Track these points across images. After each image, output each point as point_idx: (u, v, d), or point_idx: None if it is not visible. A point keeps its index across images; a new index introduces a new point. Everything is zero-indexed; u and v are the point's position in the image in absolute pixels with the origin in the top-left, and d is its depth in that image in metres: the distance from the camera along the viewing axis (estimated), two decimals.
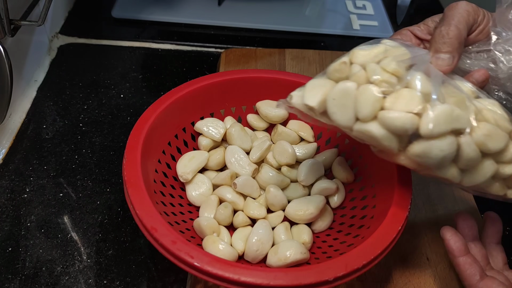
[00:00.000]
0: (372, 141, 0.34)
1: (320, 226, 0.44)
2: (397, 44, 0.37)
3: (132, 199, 0.37)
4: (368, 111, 0.33)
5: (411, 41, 0.42)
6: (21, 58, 0.58)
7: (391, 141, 0.33)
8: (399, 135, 0.33)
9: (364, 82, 0.34)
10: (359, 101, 0.33)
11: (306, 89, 0.36)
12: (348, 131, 0.35)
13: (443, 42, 0.36)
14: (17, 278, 0.42)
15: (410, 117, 0.32)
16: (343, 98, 0.34)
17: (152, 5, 0.74)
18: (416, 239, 0.46)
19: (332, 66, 0.35)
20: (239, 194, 0.44)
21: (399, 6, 0.81)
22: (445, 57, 0.36)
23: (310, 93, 0.35)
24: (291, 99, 0.37)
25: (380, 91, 0.33)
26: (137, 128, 0.42)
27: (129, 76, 0.64)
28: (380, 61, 0.35)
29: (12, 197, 0.49)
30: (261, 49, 0.67)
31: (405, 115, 0.32)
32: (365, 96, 0.33)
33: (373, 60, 0.35)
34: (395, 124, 0.32)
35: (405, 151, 0.33)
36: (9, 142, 0.54)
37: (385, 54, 0.35)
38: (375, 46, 0.36)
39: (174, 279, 0.43)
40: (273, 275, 0.33)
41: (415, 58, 0.36)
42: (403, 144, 0.33)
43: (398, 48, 0.36)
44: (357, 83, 0.34)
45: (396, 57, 0.35)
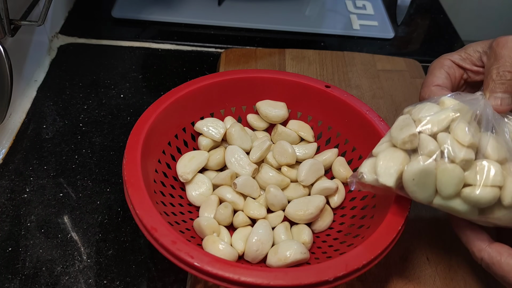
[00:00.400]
0: (452, 212, 0.35)
1: (320, 226, 0.44)
2: (455, 100, 0.37)
3: (132, 199, 0.37)
4: (452, 191, 0.33)
5: (454, 72, 0.42)
6: (21, 58, 0.58)
7: (473, 213, 0.34)
8: (481, 207, 0.34)
9: (439, 157, 0.34)
10: (441, 182, 0.33)
11: (379, 166, 0.35)
12: (426, 204, 0.36)
13: (501, 83, 0.37)
14: (17, 278, 0.42)
15: (494, 192, 0.33)
16: (423, 178, 0.34)
17: (152, 5, 0.74)
18: (416, 239, 0.46)
19: (401, 137, 0.35)
20: (239, 194, 0.44)
21: (399, 6, 0.81)
22: (504, 97, 0.37)
23: (384, 171, 0.35)
24: (362, 178, 0.36)
25: (461, 171, 0.33)
26: (137, 128, 0.42)
27: (129, 76, 0.64)
28: (449, 128, 0.35)
29: (12, 197, 0.49)
30: (261, 49, 0.67)
31: (489, 190, 0.33)
32: (448, 177, 0.33)
33: (441, 126, 0.35)
34: (481, 201, 0.33)
35: (484, 216, 0.35)
36: (9, 142, 0.54)
37: (448, 115, 0.35)
38: (438, 110, 0.36)
39: (174, 279, 0.43)
40: (273, 275, 0.33)
41: (475, 109, 0.36)
42: (482, 212, 0.34)
43: (460, 107, 0.36)
44: (430, 157, 0.34)
45: (462, 118, 0.35)
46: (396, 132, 0.36)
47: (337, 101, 0.48)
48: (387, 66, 0.66)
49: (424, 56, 0.72)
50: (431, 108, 0.36)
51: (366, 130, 0.46)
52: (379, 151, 0.37)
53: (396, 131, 0.36)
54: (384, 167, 0.35)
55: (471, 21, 1.06)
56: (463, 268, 0.44)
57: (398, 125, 0.36)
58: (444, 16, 0.82)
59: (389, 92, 0.62)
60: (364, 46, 0.73)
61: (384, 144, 0.37)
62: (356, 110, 0.47)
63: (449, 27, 0.80)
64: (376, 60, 0.67)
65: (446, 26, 0.80)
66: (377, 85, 0.63)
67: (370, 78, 0.64)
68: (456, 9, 0.97)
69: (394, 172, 0.35)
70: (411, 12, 0.82)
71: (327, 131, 0.50)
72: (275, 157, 0.47)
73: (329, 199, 0.46)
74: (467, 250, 0.40)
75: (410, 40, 0.76)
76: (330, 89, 0.49)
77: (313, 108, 0.51)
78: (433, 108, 0.36)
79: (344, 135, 0.49)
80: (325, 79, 0.63)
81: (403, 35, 0.77)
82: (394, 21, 0.79)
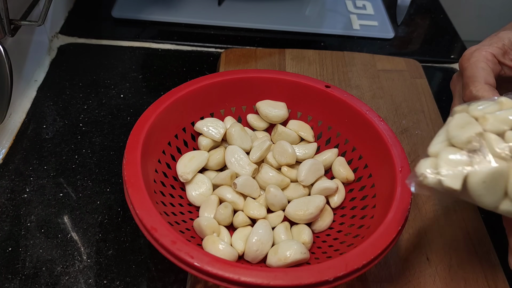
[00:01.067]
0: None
1: (320, 226, 0.44)
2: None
3: (132, 199, 0.37)
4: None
5: (495, 69, 0.40)
6: (21, 58, 0.58)
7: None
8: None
9: (510, 158, 0.32)
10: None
11: (442, 168, 0.32)
12: (491, 209, 0.33)
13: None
14: (17, 278, 0.42)
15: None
16: (494, 180, 0.31)
17: (152, 5, 0.74)
18: (416, 239, 0.46)
19: (464, 136, 0.33)
20: (239, 194, 0.44)
21: (399, 6, 0.81)
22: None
23: (449, 172, 0.32)
24: (425, 179, 0.33)
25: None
26: (137, 128, 0.42)
27: (129, 76, 0.64)
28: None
29: (12, 197, 0.49)
30: (261, 49, 0.67)
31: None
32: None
33: (505, 124, 0.33)
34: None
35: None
36: (9, 142, 0.54)
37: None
38: (499, 109, 0.34)
39: (174, 279, 0.43)
40: (273, 275, 0.33)
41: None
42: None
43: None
44: (498, 157, 0.31)
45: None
46: (456, 130, 0.33)
47: (337, 101, 0.48)
48: (387, 66, 0.66)
49: (424, 56, 0.72)
50: (492, 106, 0.34)
51: (366, 130, 0.46)
52: (437, 150, 0.34)
53: (457, 129, 0.33)
54: (449, 168, 0.32)
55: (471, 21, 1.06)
56: (463, 268, 0.44)
57: (458, 124, 0.34)
58: (444, 16, 0.82)
59: (389, 92, 0.62)
60: (364, 46, 0.73)
61: (440, 144, 0.34)
62: (356, 110, 0.47)
63: (449, 27, 0.80)
64: (376, 60, 0.67)
65: (446, 26, 0.80)
66: (377, 85, 0.63)
67: (370, 78, 0.64)
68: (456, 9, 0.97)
69: (460, 174, 0.32)
70: (411, 12, 0.82)
71: (327, 131, 0.50)
72: (275, 157, 0.47)
73: (329, 199, 0.46)
74: (467, 250, 0.40)
75: (410, 40, 0.76)
76: (330, 89, 0.49)
77: (313, 108, 0.51)
78: (494, 107, 0.34)
79: (344, 135, 0.49)
80: (325, 79, 0.63)
81: (403, 35, 0.77)
82: (394, 21, 0.79)
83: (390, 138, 0.44)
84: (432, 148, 0.34)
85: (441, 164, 0.32)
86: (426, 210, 0.49)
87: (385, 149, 0.44)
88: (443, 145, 0.34)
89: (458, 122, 0.34)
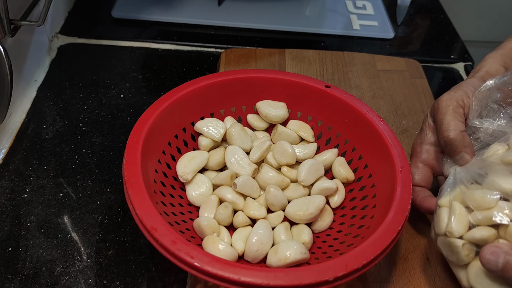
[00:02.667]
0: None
1: (320, 226, 0.44)
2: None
3: (132, 199, 0.37)
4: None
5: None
6: (21, 58, 0.58)
7: None
8: None
9: None
10: None
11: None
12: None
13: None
14: (17, 278, 0.42)
15: None
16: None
17: (152, 5, 0.74)
18: (416, 239, 0.46)
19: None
20: (239, 194, 0.44)
21: (399, 6, 0.81)
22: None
23: None
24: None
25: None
26: (137, 128, 0.42)
27: (129, 76, 0.64)
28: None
29: (12, 197, 0.49)
30: (261, 49, 0.67)
31: None
32: None
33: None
34: None
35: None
36: (9, 142, 0.54)
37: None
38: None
39: (174, 279, 0.43)
40: (273, 275, 0.33)
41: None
42: None
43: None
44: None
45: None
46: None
47: (337, 101, 0.48)
48: (387, 66, 0.66)
49: (424, 56, 0.72)
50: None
51: (366, 130, 0.46)
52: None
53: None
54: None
55: (471, 21, 1.06)
56: None
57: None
58: (444, 16, 0.82)
59: (389, 92, 0.62)
60: (364, 46, 0.73)
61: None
62: (356, 110, 0.47)
63: (449, 27, 0.80)
64: (376, 60, 0.67)
65: (446, 26, 0.80)
66: (377, 85, 0.63)
67: (370, 78, 0.64)
68: (456, 9, 0.97)
69: None
70: (411, 12, 0.82)
71: (327, 131, 0.50)
72: (275, 157, 0.47)
73: (329, 199, 0.46)
74: None
75: (410, 40, 0.76)
76: (330, 89, 0.49)
77: (313, 108, 0.51)
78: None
79: (344, 135, 0.49)
80: (325, 79, 0.63)
81: (403, 35, 0.77)
82: (394, 21, 0.79)
83: (390, 138, 0.44)
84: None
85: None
86: None
87: (385, 149, 0.44)
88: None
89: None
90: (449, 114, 0.43)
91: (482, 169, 0.38)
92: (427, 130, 0.46)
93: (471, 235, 0.36)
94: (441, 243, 0.39)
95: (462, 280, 0.38)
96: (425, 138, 0.46)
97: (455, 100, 0.44)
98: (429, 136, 0.46)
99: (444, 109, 0.44)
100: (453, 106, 0.43)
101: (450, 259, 0.39)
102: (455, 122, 0.43)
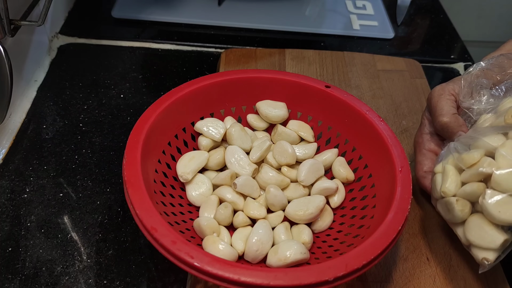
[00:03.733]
0: None
1: (320, 226, 0.44)
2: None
3: (132, 199, 0.37)
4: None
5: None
6: (21, 58, 0.58)
7: None
8: None
9: None
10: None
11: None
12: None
13: None
14: (17, 278, 0.42)
15: None
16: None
17: (152, 5, 0.74)
18: (416, 239, 0.46)
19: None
20: (239, 194, 0.44)
21: (399, 6, 0.81)
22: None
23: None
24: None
25: None
26: (137, 128, 0.42)
27: (129, 76, 0.64)
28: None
29: (12, 197, 0.49)
30: (261, 49, 0.67)
31: None
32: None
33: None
34: None
35: None
36: (9, 142, 0.54)
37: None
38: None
39: (174, 279, 0.43)
40: (273, 275, 0.33)
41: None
42: None
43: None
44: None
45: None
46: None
47: (337, 101, 0.48)
48: (387, 66, 0.66)
49: (424, 56, 0.72)
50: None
51: (366, 130, 0.46)
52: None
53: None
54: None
55: (471, 21, 1.06)
56: (463, 268, 0.44)
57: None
58: (444, 16, 0.82)
59: (389, 92, 0.62)
60: (364, 46, 0.73)
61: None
62: (356, 110, 0.47)
63: (449, 27, 0.80)
64: (376, 60, 0.67)
65: (446, 26, 0.80)
66: (377, 85, 0.63)
67: (370, 78, 0.64)
68: (456, 9, 0.97)
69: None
70: (411, 12, 0.82)
71: (327, 131, 0.50)
72: (275, 157, 0.47)
73: (329, 199, 0.46)
74: (467, 250, 0.40)
75: (410, 40, 0.76)
76: (330, 89, 0.49)
77: (313, 108, 0.51)
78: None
79: (344, 135, 0.49)
80: (325, 79, 0.63)
81: (403, 35, 0.77)
82: (394, 21, 0.79)
83: (390, 138, 0.44)
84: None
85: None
86: (426, 210, 0.49)
87: (385, 149, 0.44)
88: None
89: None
90: (442, 101, 0.46)
91: (472, 136, 0.41)
92: (426, 122, 0.49)
93: (462, 191, 0.39)
94: (439, 205, 0.41)
95: (461, 236, 0.40)
96: (424, 129, 0.48)
97: (447, 89, 0.46)
98: (428, 127, 0.48)
99: (436, 97, 0.46)
100: (444, 94, 0.46)
101: (447, 218, 0.41)
102: (447, 107, 0.45)
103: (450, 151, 0.41)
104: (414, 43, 0.75)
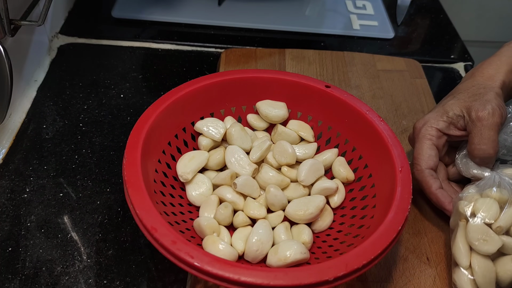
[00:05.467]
0: None
1: (320, 226, 0.44)
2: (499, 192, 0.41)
3: (132, 199, 0.37)
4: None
5: (440, 142, 0.47)
6: (21, 58, 0.58)
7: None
8: None
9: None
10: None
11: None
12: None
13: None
14: (17, 278, 0.42)
15: None
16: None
17: (152, 5, 0.74)
18: (416, 239, 0.46)
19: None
20: (239, 194, 0.44)
21: (399, 6, 0.81)
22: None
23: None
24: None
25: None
26: (137, 128, 0.42)
27: (129, 76, 0.64)
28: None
29: (12, 197, 0.49)
30: (261, 49, 0.67)
31: None
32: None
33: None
34: None
35: None
36: (9, 142, 0.54)
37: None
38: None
39: (174, 279, 0.43)
40: (273, 275, 0.33)
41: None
42: None
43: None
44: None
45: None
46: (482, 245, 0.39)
47: (337, 101, 0.48)
48: (387, 66, 0.66)
49: (424, 56, 0.72)
50: (491, 208, 0.40)
51: (366, 130, 0.46)
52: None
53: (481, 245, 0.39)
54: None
55: (471, 21, 1.06)
56: None
57: (476, 237, 0.39)
58: (444, 16, 0.82)
59: (389, 92, 0.62)
60: (364, 46, 0.73)
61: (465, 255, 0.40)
62: (356, 110, 0.47)
63: (449, 27, 0.80)
64: (376, 60, 0.67)
65: (446, 26, 0.80)
66: (377, 85, 0.63)
67: (370, 78, 0.64)
68: (456, 9, 0.97)
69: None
70: (411, 12, 0.82)
71: (327, 131, 0.50)
72: (275, 157, 0.47)
73: (329, 199, 0.46)
74: None
75: (410, 40, 0.76)
76: (330, 89, 0.49)
77: (313, 108, 0.51)
78: (492, 207, 0.40)
79: (344, 135, 0.49)
80: (325, 79, 0.63)
81: (403, 35, 0.77)
82: (394, 21, 0.79)
83: (390, 138, 0.44)
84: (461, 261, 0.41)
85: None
86: (426, 210, 0.49)
87: (385, 149, 0.44)
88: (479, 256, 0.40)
89: (476, 236, 0.40)
90: (423, 144, 0.46)
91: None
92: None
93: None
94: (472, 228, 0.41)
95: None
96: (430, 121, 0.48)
97: (428, 131, 0.46)
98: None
99: (421, 138, 0.46)
100: (425, 136, 0.46)
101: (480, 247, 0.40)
102: (427, 152, 0.46)
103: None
104: (414, 43, 0.75)
